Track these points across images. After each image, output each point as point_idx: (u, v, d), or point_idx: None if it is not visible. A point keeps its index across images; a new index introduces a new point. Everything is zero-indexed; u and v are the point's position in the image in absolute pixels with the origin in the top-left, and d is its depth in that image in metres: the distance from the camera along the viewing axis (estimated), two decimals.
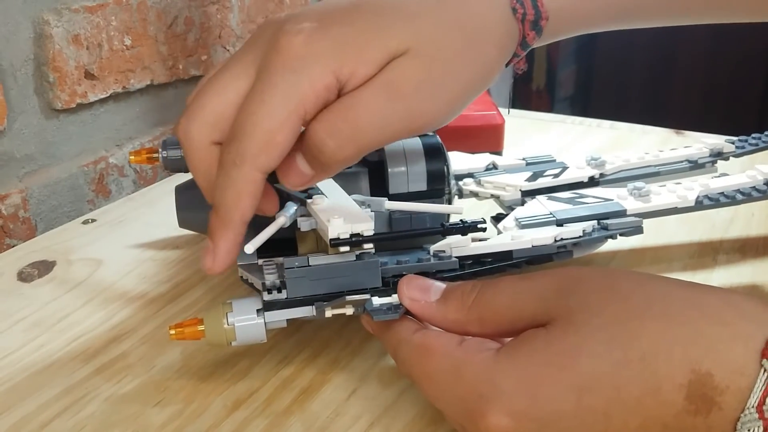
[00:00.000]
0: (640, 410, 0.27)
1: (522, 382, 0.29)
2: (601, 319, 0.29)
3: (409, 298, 0.35)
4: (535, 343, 0.30)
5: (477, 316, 0.33)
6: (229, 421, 0.37)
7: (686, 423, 0.27)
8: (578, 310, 0.29)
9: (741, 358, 0.26)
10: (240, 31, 0.80)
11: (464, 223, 0.40)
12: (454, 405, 0.31)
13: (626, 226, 0.43)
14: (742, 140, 0.55)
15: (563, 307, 0.30)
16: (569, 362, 0.28)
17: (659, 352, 0.27)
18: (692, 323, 0.28)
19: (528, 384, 0.29)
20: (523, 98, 1.71)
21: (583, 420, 0.28)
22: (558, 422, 0.28)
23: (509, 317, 0.32)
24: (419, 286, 0.35)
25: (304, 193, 0.40)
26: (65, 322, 0.45)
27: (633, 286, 0.30)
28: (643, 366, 0.27)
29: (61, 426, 0.37)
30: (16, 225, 0.62)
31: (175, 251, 0.54)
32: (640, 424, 0.27)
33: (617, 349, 0.28)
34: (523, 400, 0.29)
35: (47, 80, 0.61)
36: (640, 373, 0.27)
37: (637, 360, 0.27)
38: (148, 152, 0.46)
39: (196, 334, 0.38)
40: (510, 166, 0.52)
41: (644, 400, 0.27)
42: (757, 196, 0.48)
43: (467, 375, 0.30)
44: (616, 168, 0.51)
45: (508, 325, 0.32)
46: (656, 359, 0.27)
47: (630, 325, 0.28)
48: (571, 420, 0.28)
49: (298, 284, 0.37)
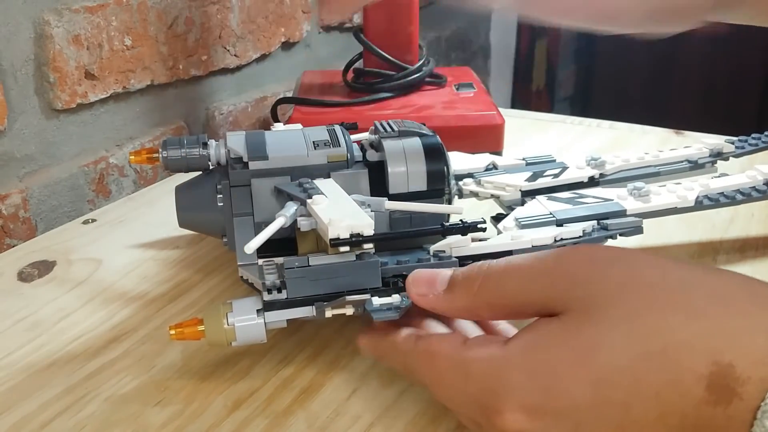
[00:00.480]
0: (659, 402, 0.27)
1: (535, 375, 0.28)
2: (621, 311, 0.28)
3: (417, 294, 0.35)
4: (548, 336, 0.29)
5: (485, 301, 0.32)
6: (230, 421, 0.37)
7: (706, 413, 0.26)
8: (595, 301, 0.29)
9: (763, 348, 0.26)
10: (240, 31, 0.80)
11: (464, 223, 0.40)
12: (467, 405, 0.31)
13: (626, 226, 0.43)
14: (741, 140, 0.55)
15: (579, 296, 0.29)
16: (587, 356, 0.28)
17: (681, 344, 0.27)
18: (715, 316, 0.27)
19: (542, 377, 0.28)
20: (523, 98, 1.71)
21: (601, 412, 0.28)
22: (575, 415, 0.28)
23: (519, 301, 0.31)
24: (426, 281, 0.35)
25: (304, 194, 0.40)
26: (65, 322, 0.45)
27: (654, 275, 0.29)
28: (664, 358, 0.27)
29: (61, 426, 0.37)
30: (17, 225, 0.62)
31: (176, 251, 0.54)
32: (659, 415, 0.27)
33: (638, 342, 0.27)
34: (537, 394, 0.28)
35: (48, 80, 0.61)
36: (661, 366, 0.27)
37: (658, 353, 0.27)
38: (148, 152, 0.46)
39: (196, 334, 0.38)
40: (510, 166, 0.52)
41: (664, 392, 0.27)
42: (756, 197, 0.48)
43: (475, 372, 0.30)
44: (616, 168, 0.51)
45: (518, 309, 0.31)
46: (678, 352, 0.27)
47: (651, 318, 0.28)
48: (588, 412, 0.28)
49: (298, 284, 0.37)
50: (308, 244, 0.41)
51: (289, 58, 0.90)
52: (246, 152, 0.42)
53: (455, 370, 0.31)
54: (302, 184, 0.41)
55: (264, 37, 0.84)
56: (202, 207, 0.45)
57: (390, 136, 0.45)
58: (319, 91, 0.74)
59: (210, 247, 0.54)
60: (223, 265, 0.52)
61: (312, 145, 0.43)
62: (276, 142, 0.44)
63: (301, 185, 0.41)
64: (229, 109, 0.82)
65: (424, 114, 0.67)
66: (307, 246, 0.41)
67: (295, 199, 0.40)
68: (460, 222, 0.40)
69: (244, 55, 0.81)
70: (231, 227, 0.43)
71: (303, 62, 0.92)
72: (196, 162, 0.45)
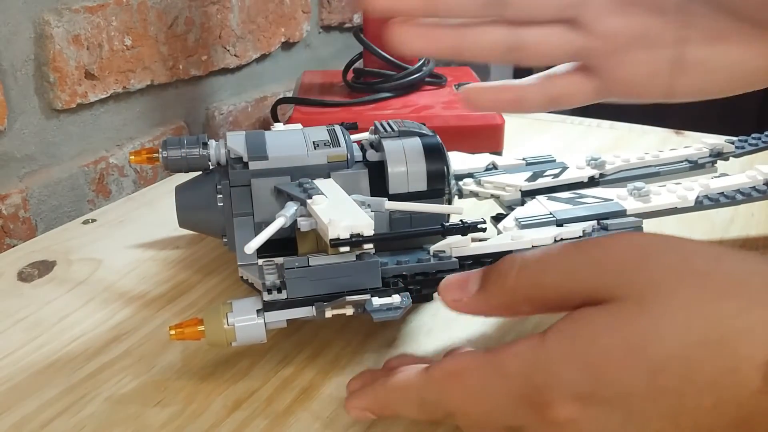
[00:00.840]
0: (714, 390, 0.26)
1: (586, 365, 0.27)
2: (676, 300, 0.27)
3: (451, 300, 0.33)
4: (595, 325, 0.28)
5: (523, 296, 0.31)
6: (230, 421, 0.37)
7: (761, 402, 0.26)
8: (648, 289, 0.28)
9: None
10: (240, 31, 0.80)
11: (464, 224, 0.40)
12: (509, 410, 0.29)
13: (626, 226, 0.43)
14: (742, 140, 0.55)
15: (629, 284, 0.28)
16: (641, 344, 0.27)
17: (739, 333, 0.26)
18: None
19: (593, 366, 0.27)
20: None
21: (656, 400, 0.27)
22: (628, 402, 0.27)
23: (561, 293, 0.30)
24: (457, 285, 0.33)
25: (304, 194, 0.40)
26: (65, 322, 0.45)
27: (708, 263, 0.28)
28: (722, 346, 0.26)
29: (61, 426, 0.37)
30: (17, 225, 0.62)
31: (176, 251, 0.54)
32: (714, 403, 0.26)
33: (695, 330, 0.27)
34: (589, 383, 0.27)
35: (48, 80, 0.62)
36: (718, 354, 0.26)
37: (715, 341, 0.26)
38: (148, 152, 0.46)
39: (196, 334, 0.38)
40: (510, 166, 0.52)
41: (720, 380, 0.26)
42: (756, 197, 0.48)
43: (514, 370, 0.29)
44: (616, 168, 0.51)
45: (561, 302, 0.30)
46: (736, 340, 0.26)
47: (708, 307, 0.27)
48: (642, 400, 0.27)
49: (298, 284, 0.37)
50: (308, 245, 0.41)
51: (289, 58, 0.90)
52: (246, 152, 0.42)
53: (490, 377, 0.30)
54: (302, 184, 0.41)
55: (264, 37, 0.84)
56: (202, 207, 0.45)
57: (390, 136, 0.45)
58: (319, 91, 0.74)
59: (210, 248, 0.54)
60: (223, 266, 0.52)
61: (312, 145, 0.43)
62: (276, 142, 0.44)
63: (301, 185, 0.41)
64: (229, 109, 0.82)
65: (424, 114, 0.67)
66: (307, 246, 0.41)
67: (295, 199, 0.40)
68: (460, 222, 0.40)
69: (244, 55, 0.81)
70: (231, 227, 0.43)
71: (303, 62, 0.92)
72: (196, 162, 0.45)
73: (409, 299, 0.37)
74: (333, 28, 0.96)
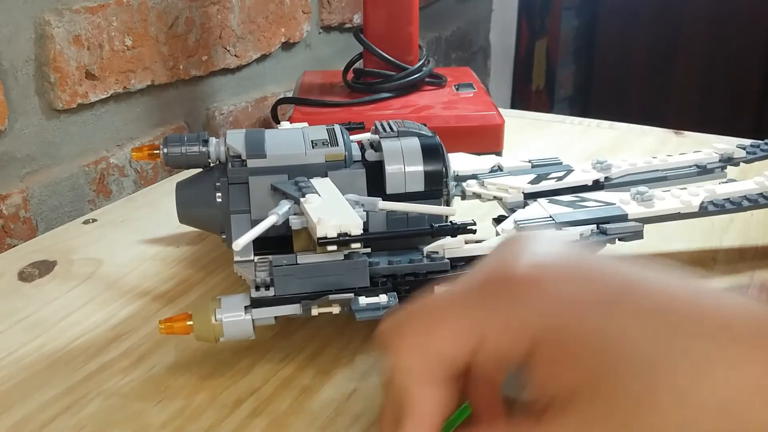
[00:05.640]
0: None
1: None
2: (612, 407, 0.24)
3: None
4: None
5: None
6: (230, 421, 0.37)
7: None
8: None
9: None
10: (240, 31, 0.80)
11: (454, 225, 0.40)
12: None
13: (626, 230, 0.43)
14: (753, 146, 0.53)
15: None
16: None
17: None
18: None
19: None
20: (523, 98, 1.71)
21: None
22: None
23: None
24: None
25: (298, 192, 0.40)
26: (66, 321, 0.45)
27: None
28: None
29: (62, 425, 0.37)
30: (17, 225, 0.62)
31: (176, 250, 0.54)
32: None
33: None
34: None
35: (48, 80, 0.62)
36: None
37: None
38: (149, 148, 0.46)
39: (184, 328, 0.38)
40: (515, 168, 0.51)
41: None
42: (763, 203, 0.47)
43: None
44: (623, 172, 0.50)
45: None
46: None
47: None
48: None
49: (286, 282, 0.37)
50: (302, 242, 0.41)
51: (289, 58, 0.90)
52: (245, 150, 0.43)
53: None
54: (298, 183, 0.41)
55: (264, 38, 0.84)
56: (201, 203, 0.45)
57: (389, 137, 0.45)
58: (319, 91, 0.74)
59: (210, 246, 0.54)
60: (224, 264, 0.52)
61: (310, 144, 0.44)
62: (275, 141, 0.44)
63: (297, 184, 0.41)
64: (230, 109, 0.82)
65: (423, 114, 0.67)
66: (301, 244, 0.41)
67: (289, 197, 0.40)
68: (450, 223, 0.40)
69: (245, 55, 0.81)
70: (229, 224, 0.43)
71: (303, 62, 0.92)
72: (196, 159, 0.45)
73: (395, 299, 0.37)
74: (333, 29, 0.96)
